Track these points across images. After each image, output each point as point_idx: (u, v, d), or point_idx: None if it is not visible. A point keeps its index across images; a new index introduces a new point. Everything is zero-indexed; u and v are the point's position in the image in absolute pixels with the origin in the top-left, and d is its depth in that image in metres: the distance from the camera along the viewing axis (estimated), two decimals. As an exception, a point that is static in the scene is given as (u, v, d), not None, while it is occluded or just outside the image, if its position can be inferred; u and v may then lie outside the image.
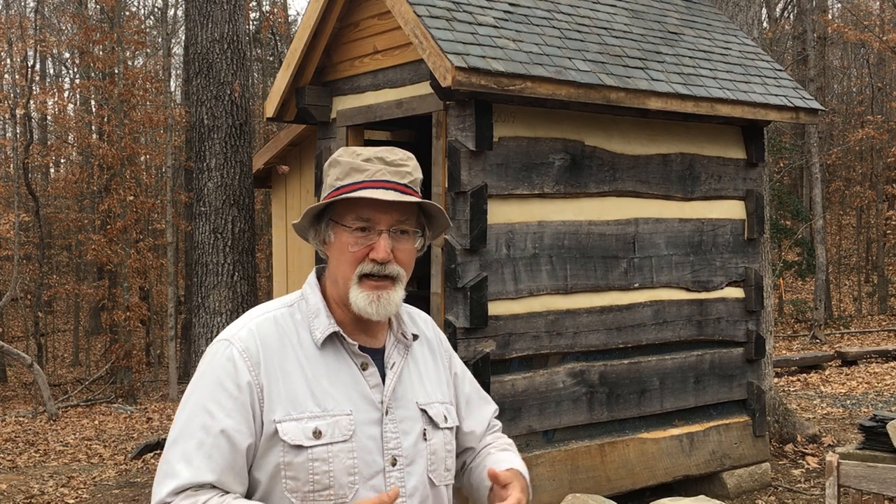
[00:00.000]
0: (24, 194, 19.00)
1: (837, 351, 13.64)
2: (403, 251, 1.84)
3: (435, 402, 1.93)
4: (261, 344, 1.80)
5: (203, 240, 7.54)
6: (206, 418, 1.75)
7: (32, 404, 15.09)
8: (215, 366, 1.80)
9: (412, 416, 1.87)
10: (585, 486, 5.84)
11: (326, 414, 1.78)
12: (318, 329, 1.84)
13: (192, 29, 7.90)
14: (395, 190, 1.80)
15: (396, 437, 1.83)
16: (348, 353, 1.85)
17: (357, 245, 1.81)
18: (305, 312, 1.87)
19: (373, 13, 6.16)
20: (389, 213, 1.81)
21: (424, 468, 1.86)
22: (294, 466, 1.75)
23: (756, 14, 8.67)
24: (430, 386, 1.94)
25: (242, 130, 7.70)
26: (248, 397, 1.76)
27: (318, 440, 1.75)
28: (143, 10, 27.68)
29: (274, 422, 1.75)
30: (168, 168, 17.24)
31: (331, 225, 1.85)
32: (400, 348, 1.92)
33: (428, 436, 1.88)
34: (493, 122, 5.46)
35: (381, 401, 1.83)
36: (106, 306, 18.88)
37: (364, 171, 1.82)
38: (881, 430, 6.42)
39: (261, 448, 1.76)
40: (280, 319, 1.85)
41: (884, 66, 23.78)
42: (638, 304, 6.21)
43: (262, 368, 1.78)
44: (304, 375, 1.80)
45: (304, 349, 1.82)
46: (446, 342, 2.09)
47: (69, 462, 9.42)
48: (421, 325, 2.02)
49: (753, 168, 6.87)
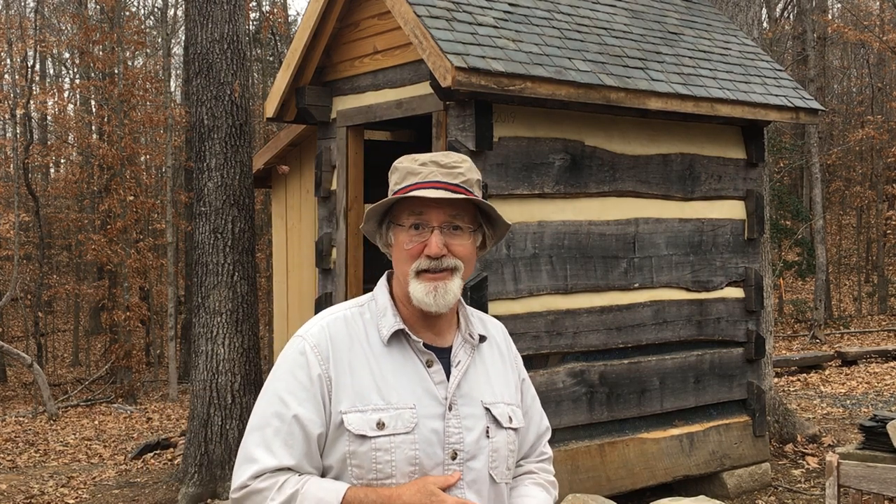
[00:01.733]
0: (24, 194, 18.99)
1: (837, 351, 13.64)
2: (459, 245, 1.92)
3: (501, 402, 1.99)
4: (330, 340, 1.92)
5: (203, 240, 7.54)
6: (281, 407, 1.87)
7: (32, 404, 15.09)
8: (289, 359, 1.93)
9: (476, 413, 1.94)
10: (585, 486, 5.84)
11: (390, 407, 1.87)
12: (385, 327, 1.94)
13: (192, 29, 7.90)
14: (445, 189, 1.89)
15: (459, 432, 1.91)
16: (414, 350, 1.94)
17: (412, 242, 1.91)
18: (374, 312, 1.97)
19: (373, 13, 6.16)
20: (441, 209, 1.90)
21: (485, 464, 1.93)
22: (358, 455, 1.85)
23: (756, 14, 8.67)
24: (497, 386, 2.01)
25: (242, 130, 7.69)
26: (318, 389, 1.88)
27: (382, 431, 1.85)
28: (143, 10, 27.70)
29: (341, 412, 1.86)
30: (168, 168, 17.23)
31: (391, 227, 1.96)
32: (467, 348, 1.99)
33: (491, 433, 1.94)
34: (493, 122, 5.46)
35: (444, 396, 1.91)
36: (106, 306, 18.88)
37: (418, 173, 1.92)
38: (881, 430, 6.42)
39: (330, 437, 1.87)
40: (350, 318, 1.96)
41: (884, 66, 23.77)
42: (638, 304, 6.21)
43: (331, 363, 1.89)
44: (371, 370, 1.90)
45: (371, 346, 1.93)
46: (515, 349, 2.16)
47: (69, 462, 9.42)
48: (491, 329, 2.10)
49: (753, 168, 6.87)
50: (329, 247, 6.65)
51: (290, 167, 8.43)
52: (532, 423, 2.13)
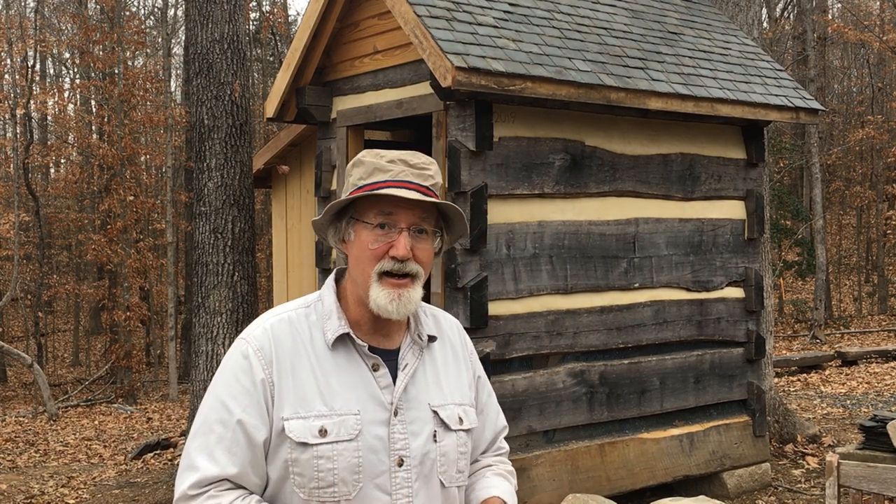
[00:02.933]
0: (24, 194, 18.99)
1: (837, 351, 13.64)
2: (422, 250, 1.87)
3: (450, 403, 1.94)
4: (274, 343, 1.85)
5: (203, 240, 7.54)
6: (224, 413, 1.81)
7: (32, 404, 15.09)
8: (232, 363, 1.86)
9: (423, 417, 1.89)
10: (585, 486, 5.84)
11: (333, 413, 1.81)
12: (330, 330, 1.87)
13: (192, 29, 7.90)
14: (416, 191, 1.84)
15: (405, 437, 1.85)
16: (359, 353, 1.88)
17: (377, 242, 1.84)
18: (320, 313, 1.90)
19: (373, 13, 6.16)
20: (411, 211, 1.85)
21: (434, 469, 1.88)
22: (300, 463, 1.79)
23: (756, 14, 8.66)
24: (447, 387, 1.95)
25: (242, 130, 7.70)
26: (261, 394, 1.81)
27: (324, 438, 1.79)
28: (143, 10, 27.70)
29: (282, 419, 1.80)
30: (168, 168, 17.23)
31: (352, 223, 1.88)
32: (415, 349, 1.93)
33: (438, 438, 1.89)
34: (493, 122, 5.46)
35: (390, 401, 1.85)
36: (106, 306, 18.88)
37: (388, 171, 1.85)
38: (881, 430, 6.42)
39: (272, 444, 1.81)
40: (295, 320, 1.90)
41: (884, 66, 23.77)
42: (638, 304, 6.21)
43: (274, 367, 1.83)
44: (314, 375, 1.84)
45: (315, 349, 1.86)
46: (471, 345, 2.10)
47: (69, 462, 9.42)
48: (445, 326, 2.04)
49: (753, 168, 6.87)
50: (329, 247, 6.65)
51: (290, 167, 8.43)
52: (489, 420, 2.10)
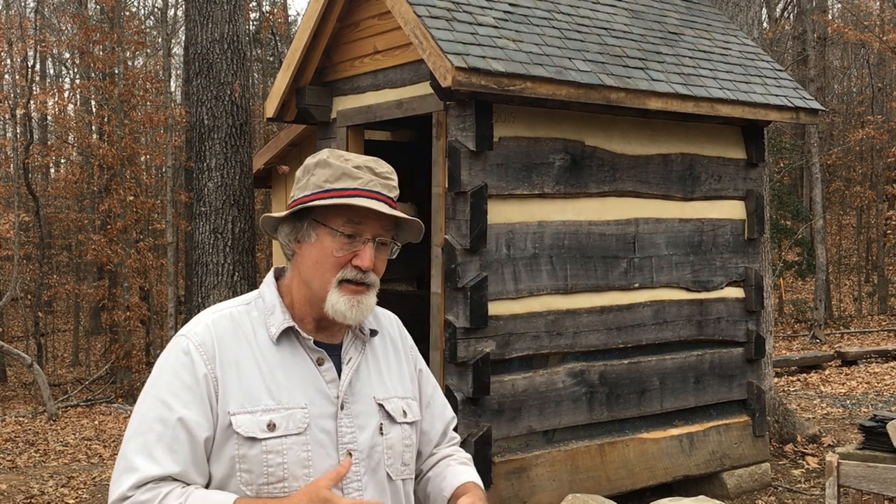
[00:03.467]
0: (24, 194, 18.99)
1: (837, 351, 13.64)
2: (381, 261, 1.89)
3: (394, 396, 1.96)
4: (216, 339, 1.83)
5: (203, 240, 7.55)
6: (164, 410, 1.77)
7: (32, 404, 15.09)
8: (172, 360, 1.83)
9: (369, 410, 1.90)
10: (585, 486, 5.84)
11: (281, 407, 1.80)
12: (274, 325, 1.87)
13: (192, 29, 7.90)
14: (385, 203, 1.86)
15: (352, 431, 1.86)
16: (304, 348, 1.88)
17: (342, 251, 1.84)
18: (262, 310, 1.90)
19: (373, 13, 6.16)
20: (377, 222, 1.86)
21: (381, 462, 1.90)
22: (248, 459, 1.77)
23: (756, 14, 8.66)
24: (389, 381, 1.97)
25: (242, 130, 7.70)
26: (204, 390, 1.78)
27: (272, 433, 1.78)
28: (143, 10, 27.71)
29: (229, 414, 1.78)
30: (168, 168, 17.23)
31: (314, 225, 1.87)
32: (357, 344, 1.95)
33: (385, 430, 1.91)
34: (493, 122, 5.46)
35: (336, 395, 1.86)
36: (106, 306, 18.88)
37: (357, 178, 1.85)
38: (881, 430, 6.41)
39: (217, 441, 1.78)
40: (236, 316, 1.88)
41: (884, 66, 23.77)
42: (638, 304, 6.21)
43: (217, 362, 1.81)
44: (260, 370, 1.83)
45: (259, 345, 1.85)
46: (410, 340, 2.11)
47: (69, 462, 9.42)
48: (384, 321, 2.06)
49: (753, 168, 6.87)
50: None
51: (290, 167, 8.43)
52: (437, 412, 2.11)
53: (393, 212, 1.84)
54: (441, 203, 5.53)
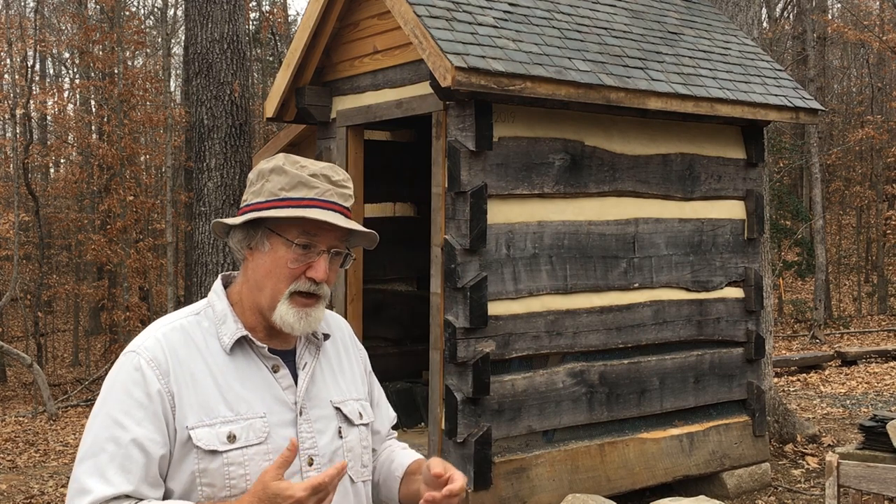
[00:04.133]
0: (24, 194, 18.99)
1: (837, 351, 13.64)
2: (334, 272, 1.87)
3: (349, 399, 1.96)
4: (168, 352, 1.79)
5: (203, 240, 7.55)
6: (117, 430, 1.72)
7: (32, 404, 15.09)
8: (123, 377, 1.78)
9: (327, 414, 1.89)
10: (585, 486, 5.84)
11: (240, 418, 1.78)
12: (226, 335, 1.83)
13: (191, 29, 7.90)
14: (341, 213, 1.84)
15: (312, 436, 1.85)
16: (258, 356, 1.85)
17: (297, 262, 1.81)
18: (213, 319, 1.86)
19: (373, 13, 6.16)
20: (333, 234, 1.83)
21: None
22: (209, 473, 1.74)
23: (756, 14, 8.67)
24: (343, 384, 1.97)
25: (242, 130, 7.70)
26: (159, 406, 1.74)
27: (233, 444, 1.75)
28: (143, 10, 27.70)
29: (187, 428, 1.74)
30: (168, 168, 17.23)
31: (268, 234, 1.83)
32: (311, 349, 1.93)
33: (343, 433, 1.91)
34: (493, 122, 5.46)
35: (294, 402, 1.84)
36: (106, 306, 18.88)
37: (313, 187, 1.82)
38: (881, 430, 6.41)
39: (175, 457, 1.75)
40: (187, 327, 1.84)
41: (884, 66, 23.77)
42: (638, 304, 6.21)
43: (171, 376, 1.77)
44: (216, 381, 1.79)
45: (213, 355, 1.81)
46: (359, 343, 2.12)
47: (69, 462, 9.42)
48: (334, 325, 2.05)
49: (753, 168, 6.87)
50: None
51: (290, 167, 8.41)
52: (383, 413, 2.14)
53: (349, 224, 1.82)
54: (441, 203, 5.53)
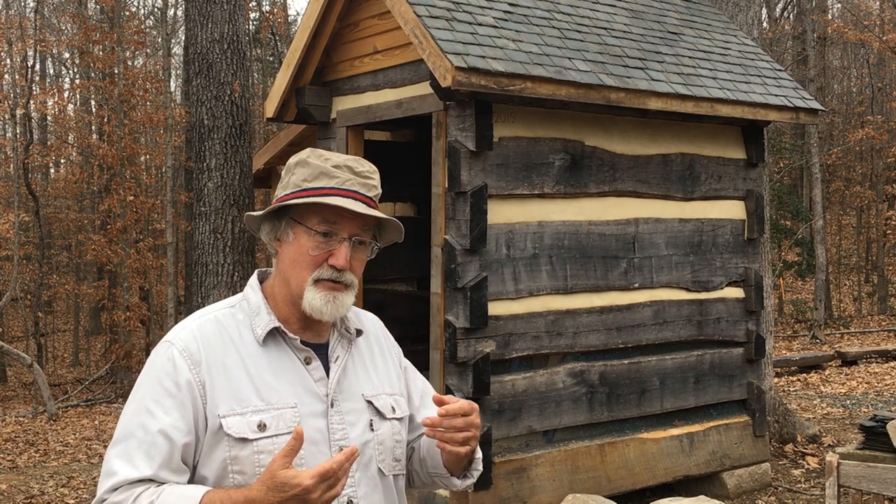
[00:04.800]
0: (24, 194, 18.99)
1: (837, 351, 13.64)
2: (358, 260, 1.89)
3: (382, 393, 1.97)
4: (202, 343, 1.84)
5: (203, 240, 7.55)
6: (146, 417, 1.79)
7: (32, 404, 15.09)
8: (157, 366, 1.84)
9: (358, 407, 1.91)
10: (585, 486, 5.84)
11: (270, 407, 1.81)
12: (260, 326, 1.88)
13: (191, 29, 7.90)
14: (362, 202, 1.86)
15: (343, 428, 1.87)
16: (291, 348, 1.89)
17: (318, 250, 1.85)
18: (247, 312, 1.91)
19: (373, 13, 6.16)
20: (353, 222, 1.86)
21: (373, 458, 1.91)
22: (240, 460, 1.78)
23: (756, 14, 8.66)
24: (376, 378, 1.99)
25: (242, 130, 7.70)
26: (187, 395, 1.79)
27: (263, 433, 1.79)
28: (143, 10, 27.71)
29: (218, 417, 1.79)
30: (168, 168, 17.23)
31: (292, 224, 1.88)
32: (343, 343, 1.96)
33: (375, 426, 1.92)
34: (493, 122, 5.46)
35: (325, 393, 1.88)
36: (106, 306, 18.88)
37: (334, 177, 1.86)
38: (881, 430, 6.41)
39: (206, 444, 1.79)
40: (222, 319, 1.89)
41: (884, 66, 23.77)
42: (638, 304, 6.21)
43: (203, 366, 1.82)
44: (247, 372, 1.84)
45: (246, 347, 1.86)
46: (393, 339, 2.14)
47: (69, 462, 9.42)
48: (367, 323, 2.07)
49: (753, 168, 6.87)
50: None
51: (290, 167, 8.41)
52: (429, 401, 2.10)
53: (368, 210, 1.84)
54: (441, 203, 5.53)
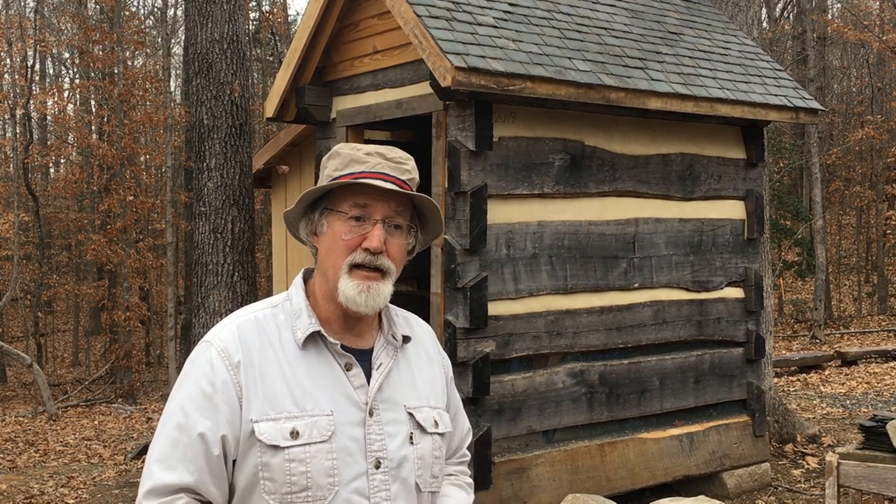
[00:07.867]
0: (24, 194, 18.99)
1: (837, 351, 13.64)
2: (395, 245, 1.82)
3: (426, 406, 1.89)
4: (241, 344, 1.78)
5: (203, 240, 7.54)
6: (182, 418, 1.75)
7: (32, 404, 15.09)
8: (195, 367, 1.80)
9: (399, 418, 1.83)
10: (585, 486, 5.84)
11: (305, 414, 1.75)
12: (300, 329, 1.81)
13: (191, 29, 7.90)
14: (393, 183, 1.80)
15: (381, 438, 1.79)
16: (331, 352, 1.81)
17: (351, 233, 1.79)
18: (289, 313, 1.84)
19: (373, 13, 6.16)
20: (386, 203, 1.80)
21: (411, 472, 1.82)
22: (271, 467, 1.72)
23: (756, 14, 8.66)
24: (422, 389, 1.90)
25: (242, 130, 7.69)
26: (223, 396, 1.74)
27: (295, 440, 1.73)
28: (143, 10, 27.70)
29: (251, 421, 1.73)
30: (168, 168, 17.22)
31: (325, 213, 1.84)
32: (389, 349, 1.88)
33: (415, 440, 1.84)
34: (492, 122, 5.46)
35: (365, 402, 1.80)
36: (106, 306, 18.88)
37: (364, 162, 1.81)
38: (881, 430, 6.41)
39: (241, 449, 1.74)
40: (262, 320, 1.83)
41: (884, 66, 23.77)
42: (638, 304, 6.21)
43: (241, 368, 1.76)
44: (284, 376, 1.77)
45: (284, 349, 1.80)
46: (443, 352, 2.05)
47: (69, 462, 9.42)
48: (417, 329, 1.98)
49: (753, 168, 6.87)
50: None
51: (290, 167, 8.42)
52: (458, 426, 2.05)
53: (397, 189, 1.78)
54: (441, 203, 5.53)
